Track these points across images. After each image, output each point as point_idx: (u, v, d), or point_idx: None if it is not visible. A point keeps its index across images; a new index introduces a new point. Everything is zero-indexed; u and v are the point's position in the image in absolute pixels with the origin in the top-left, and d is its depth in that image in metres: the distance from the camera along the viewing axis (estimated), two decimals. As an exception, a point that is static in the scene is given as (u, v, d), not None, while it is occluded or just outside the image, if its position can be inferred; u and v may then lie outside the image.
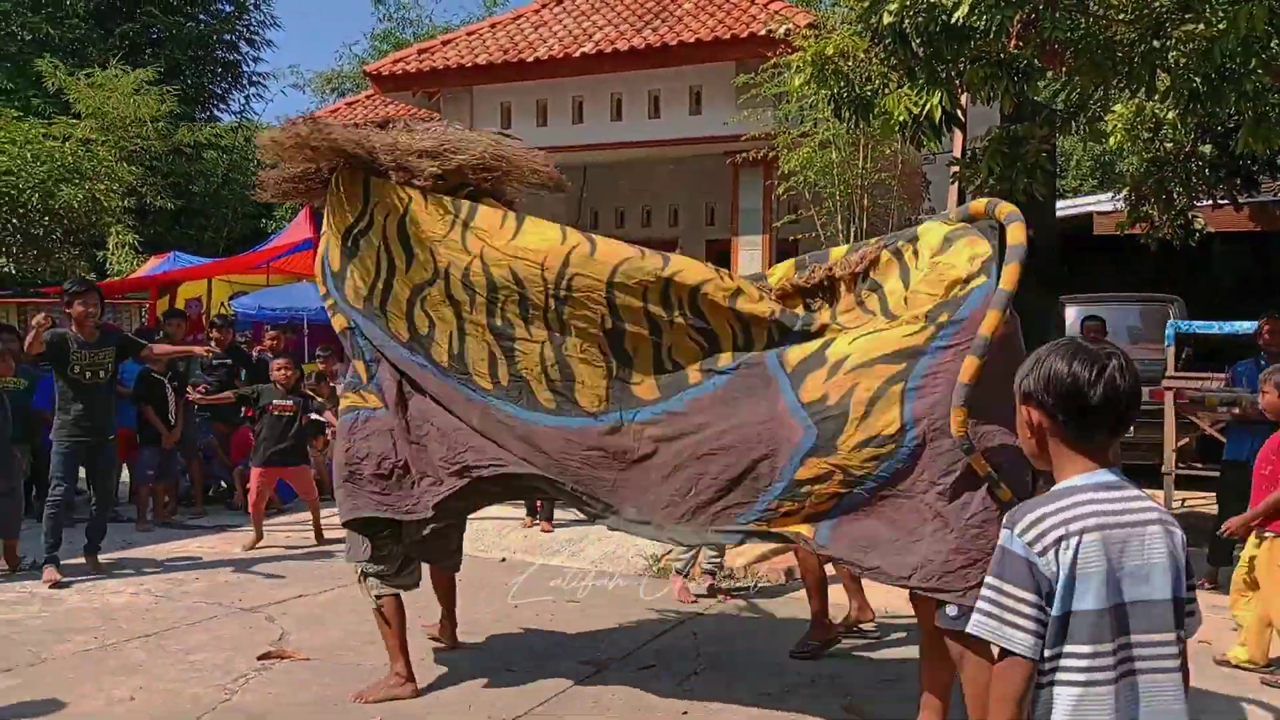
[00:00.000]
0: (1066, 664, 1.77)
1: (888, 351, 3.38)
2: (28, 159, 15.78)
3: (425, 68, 12.35)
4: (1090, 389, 1.80)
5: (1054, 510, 1.80)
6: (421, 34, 26.99)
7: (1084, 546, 1.75)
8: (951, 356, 3.27)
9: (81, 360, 6.39)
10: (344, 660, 4.84)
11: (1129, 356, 1.87)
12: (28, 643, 5.04)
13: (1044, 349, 1.89)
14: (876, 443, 3.35)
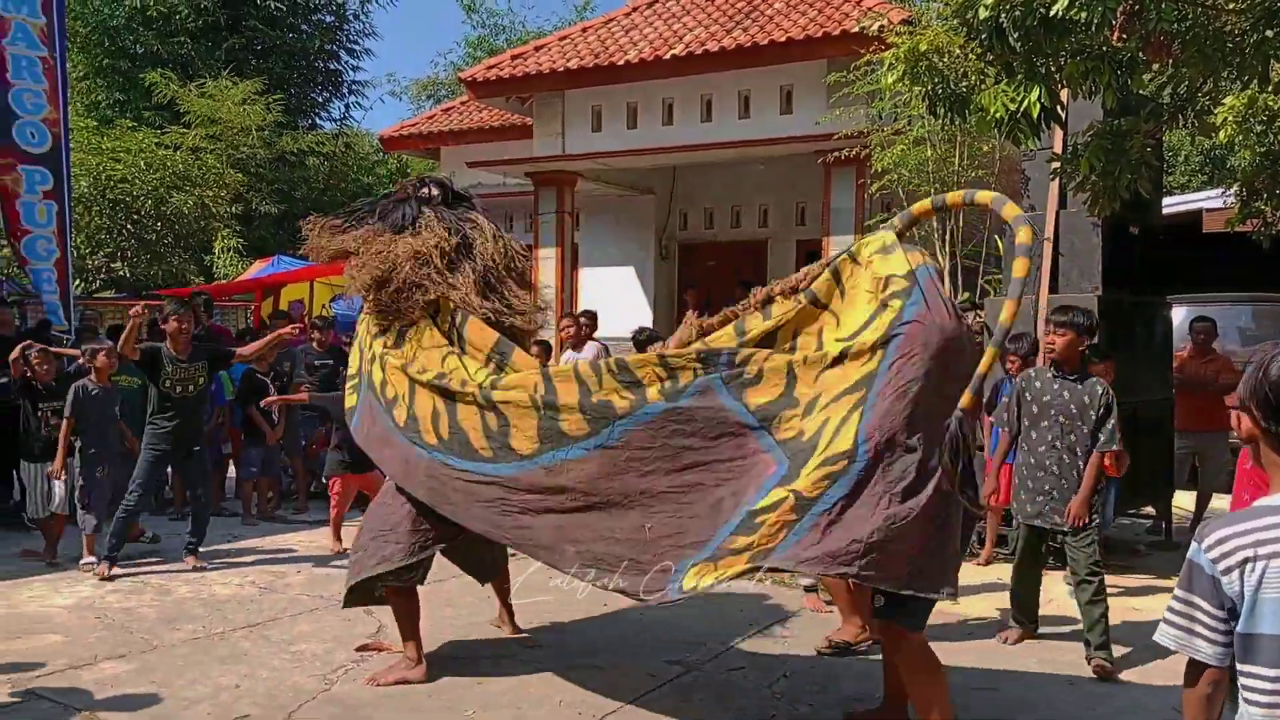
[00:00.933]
0: (1250, 684, 1.75)
1: (850, 384, 3.40)
2: (141, 167, 16.50)
3: (518, 73, 12.54)
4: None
5: (1243, 530, 1.75)
6: (514, 40, 27.39)
7: (1270, 572, 1.70)
8: (899, 368, 3.32)
9: (174, 375, 6.68)
10: (438, 653, 4.94)
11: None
12: (141, 630, 5.27)
13: (1266, 347, 1.83)
14: (829, 461, 3.32)
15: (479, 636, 5.24)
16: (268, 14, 22.52)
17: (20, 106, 8.22)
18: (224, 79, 19.60)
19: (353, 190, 23.61)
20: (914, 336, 3.33)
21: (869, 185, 9.86)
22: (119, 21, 21.96)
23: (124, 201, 16.49)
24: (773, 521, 3.35)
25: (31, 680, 4.52)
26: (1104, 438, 4.93)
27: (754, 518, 3.41)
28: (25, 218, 8.33)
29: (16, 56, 8.18)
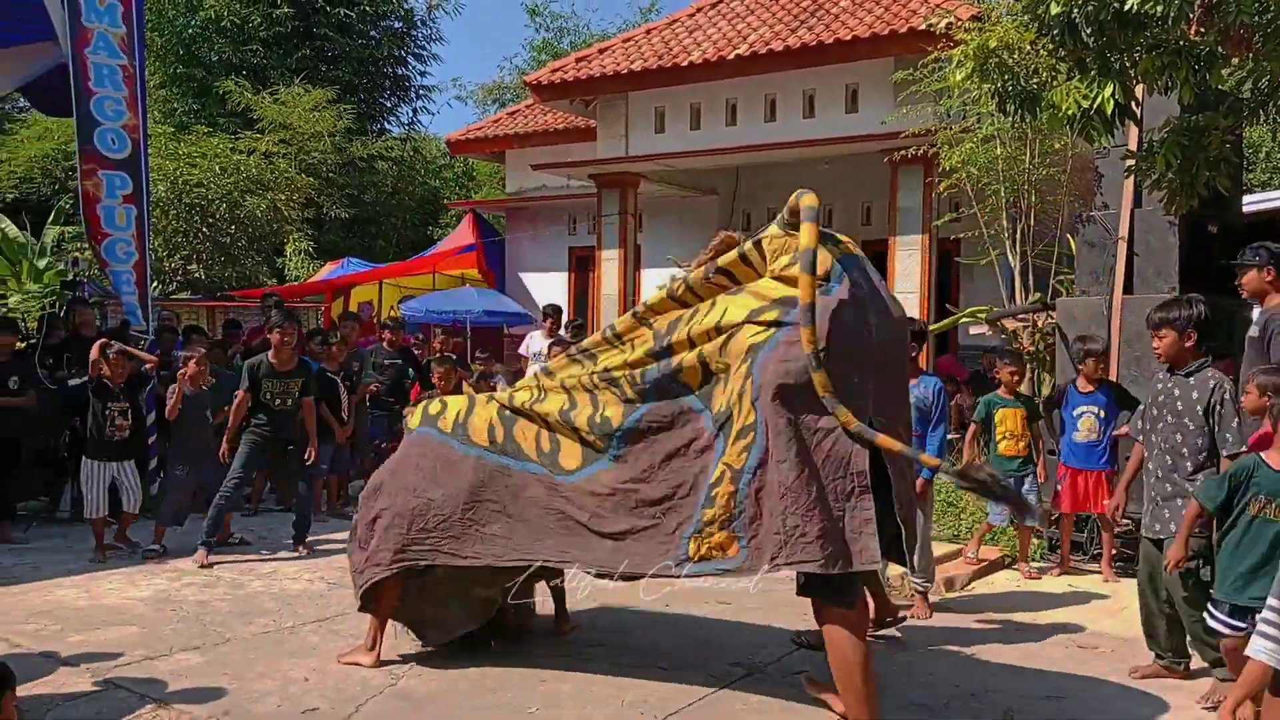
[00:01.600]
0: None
1: (743, 350, 3.79)
2: (216, 171, 16.93)
3: (582, 76, 12.61)
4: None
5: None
6: (579, 43, 27.55)
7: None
8: (783, 350, 3.68)
9: (273, 388, 6.95)
10: (500, 649, 4.98)
11: None
12: (215, 623, 5.41)
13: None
14: (741, 433, 3.74)
15: (540, 634, 5.27)
16: (338, 21, 22.93)
17: (101, 113, 8.48)
18: (296, 86, 20.02)
19: (420, 194, 23.94)
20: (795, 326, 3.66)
21: (937, 184, 9.73)
22: (194, 31, 22.55)
23: (200, 205, 16.94)
24: (721, 493, 3.77)
25: (110, 670, 4.66)
26: (1231, 437, 4.42)
27: (711, 490, 3.82)
28: (106, 221, 8.58)
29: (98, 65, 8.43)
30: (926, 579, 5.81)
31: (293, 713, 4.20)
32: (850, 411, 3.62)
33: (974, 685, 4.58)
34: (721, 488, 3.77)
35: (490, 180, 24.87)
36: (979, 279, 11.16)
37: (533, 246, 16.18)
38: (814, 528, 3.57)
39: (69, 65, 8.29)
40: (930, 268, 11.02)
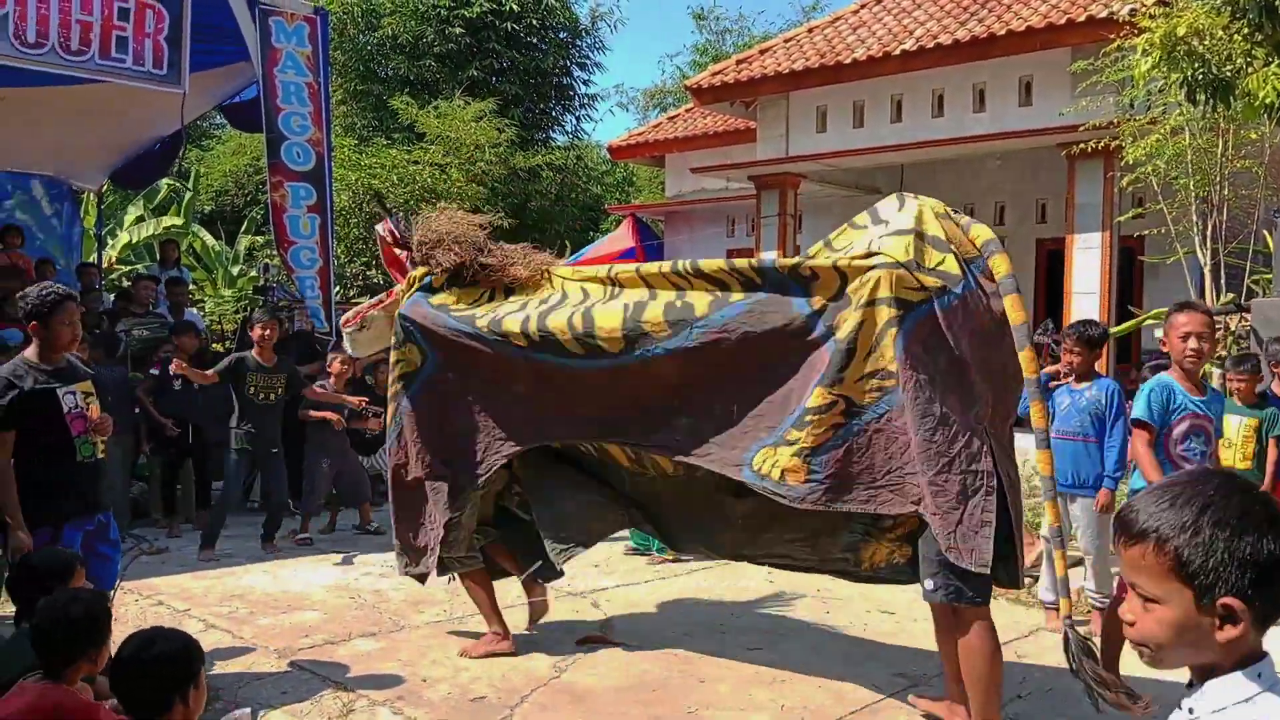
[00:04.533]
0: None
1: (889, 295, 3.62)
2: (394, 182, 17.73)
3: (743, 78, 12.57)
4: None
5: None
6: (740, 45, 27.49)
7: None
8: (939, 325, 3.62)
9: (256, 382, 7.16)
10: (661, 648, 5.01)
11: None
12: (389, 611, 5.66)
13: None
14: (880, 375, 3.65)
15: (701, 634, 5.28)
16: (506, 34, 23.64)
17: (288, 129, 9.02)
18: (458, 99, 20.75)
19: (583, 201, 24.39)
20: (935, 323, 3.63)
21: (1119, 179, 9.22)
22: (372, 48, 23.69)
23: (378, 214, 17.77)
24: (823, 421, 3.70)
25: (294, 653, 4.94)
26: None
27: (805, 415, 3.72)
28: (291, 230, 9.13)
29: (286, 83, 8.99)
30: (1104, 594, 5.52)
31: (462, 700, 4.35)
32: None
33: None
34: (826, 416, 3.70)
35: (650, 184, 25.12)
36: (1165, 279, 10.51)
37: (691, 249, 16.23)
38: (933, 503, 3.56)
39: (260, 84, 8.87)
40: (1111, 267, 10.45)
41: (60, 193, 12.48)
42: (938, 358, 3.63)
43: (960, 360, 3.65)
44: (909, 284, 3.63)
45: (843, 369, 3.68)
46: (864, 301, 3.67)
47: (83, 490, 4.41)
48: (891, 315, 3.62)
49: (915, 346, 3.60)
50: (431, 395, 4.68)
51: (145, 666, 2.59)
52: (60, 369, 4.47)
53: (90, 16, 7.73)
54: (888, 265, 3.65)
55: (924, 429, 3.57)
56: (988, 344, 3.70)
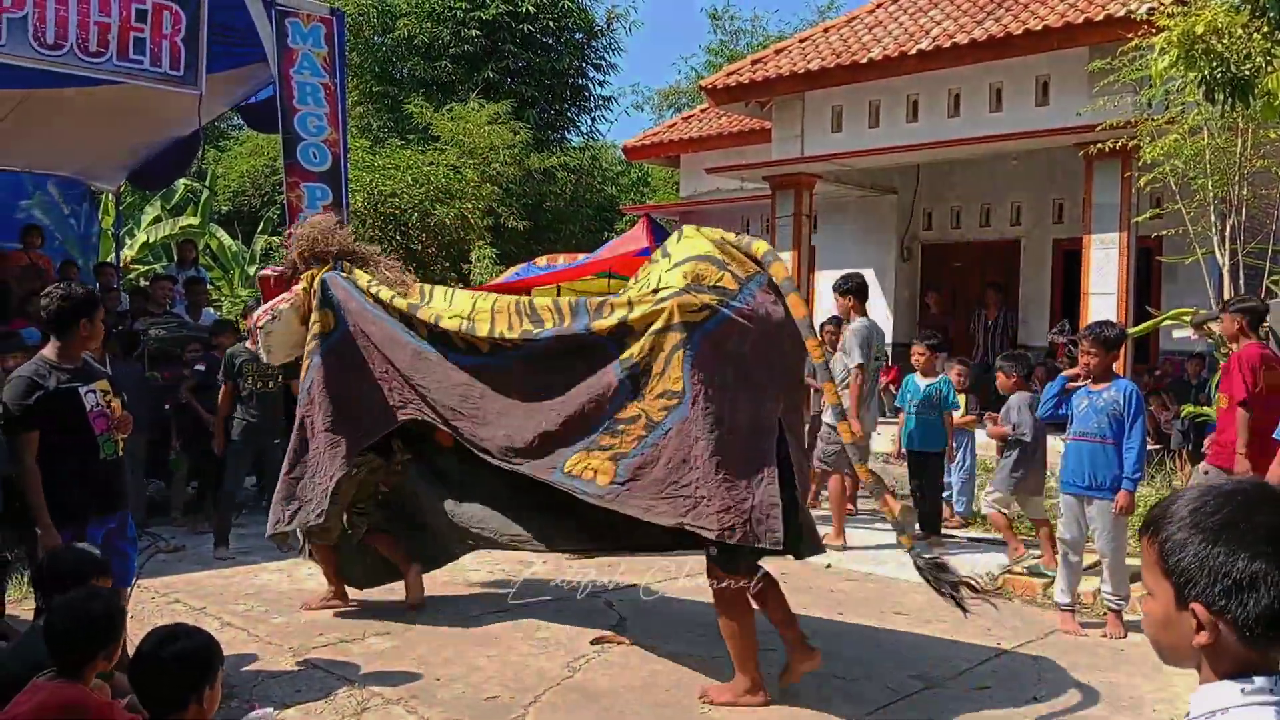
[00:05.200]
0: None
1: (678, 321, 4.12)
2: (409, 182, 17.77)
3: (758, 78, 12.55)
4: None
5: None
6: (755, 45, 27.46)
7: None
8: (722, 336, 4.11)
9: (251, 372, 7.24)
10: (674, 648, 5.01)
11: None
12: (404, 611, 5.66)
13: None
14: (667, 395, 4.14)
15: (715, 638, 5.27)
16: (522, 36, 23.67)
17: (304, 129, 9.04)
18: (474, 102, 20.79)
19: (598, 201, 24.39)
20: (721, 334, 4.12)
21: (1137, 178, 9.16)
22: (387, 49, 23.76)
23: (393, 215, 17.85)
24: (631, 430, 4.24)
25: (309, 651, 4.96)
26: None
27: (617, 424, 4.29)
28: (308, 230, 9.17)
29: (302, 84, 9.01)
30: (1120, 597, 5.49)
31: (475, 699, 4.36)
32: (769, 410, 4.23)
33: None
34: (634, 427, 4.25)
35: (665, 185, 25.12)
36: (1183, 279, 10.44)
37: (707, 250, 16.24)
38: (718, 502, 4.00)
39: (276, 85, 8.90)
40: (1129, 267, 10.38)
41: (78, 193, 12.55)
42: (725, 367, 4.12)
43: (746, 365, 4.15)
44: (691, 306, 4.13)
45: (641, 387, 4.24)
46: (656, 329, 4.18)
47: (105, 488, 4.44)
48: (679, 339, 4.12)
49: (703, 360, 4.10)
50: (338, 359, 5.12)
51: (164, 663, 2.59)
52: (79, 368, 4.51)
53: (108, 18, 7.77)
54: (672, 295, 4.16)
55: (717, 433, 4.05)
56: (771, 346, 4.22)
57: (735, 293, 4.17)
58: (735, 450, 4.06)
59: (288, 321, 5.33)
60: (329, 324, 5.14)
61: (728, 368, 4.13)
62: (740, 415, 4.11)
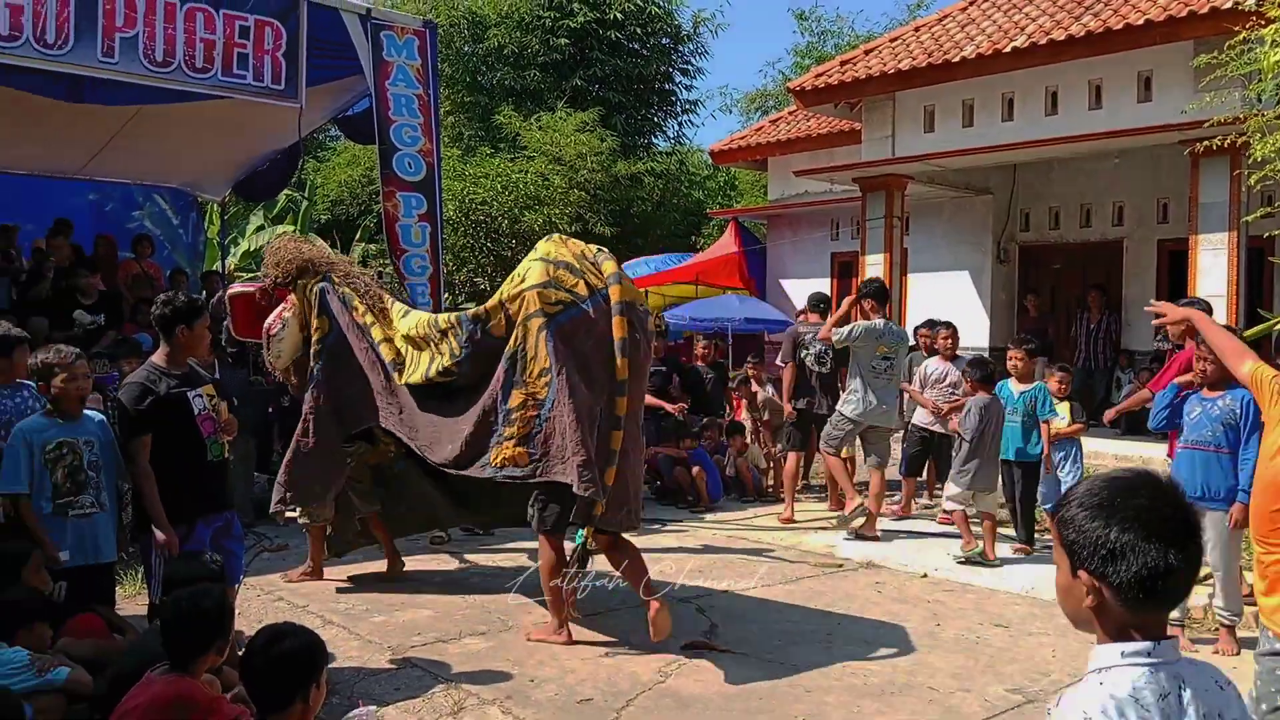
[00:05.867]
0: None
1: (537, 309, 4.90)
2: (498, 190, 18.03)
3: (847, 78, 12.41)
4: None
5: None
6: (843, 46, 27.15)
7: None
8: (571, 330, 4.92)
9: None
10: (766, 655, 4.98)
11: None
12: (500, 611, 5.74)
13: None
14: (544, 372, 4.87)
15: (807, 644, 5.22)
16: (610, 42, 23.81)
17: (400, 140, 9.25)
18: (561, 110, 20.97)
19: (684, 206, 24.40)
20: (569, 328, 4.90)
21: (1246, 177, 8.80)
22: (478, 59, 24.14)
23: (484, 222, 18.14)
24: (521, 416, 4.91)
25: (407, 650, 5.06)
26: None
27: (511, 414, 4.96)
28: (403, 239, 9.36)
29: (397, 95, 9.21)
30: (1233, 612, 5.27)
31: (568, 702, 4.39)
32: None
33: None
34: (523, 412, 4.91)
35: (752, 189, 24.99)
36: (1298, 280, 9.99)
37: (794, 253, 16.10)
38: (579, 458, 4.74)
39: (372, 97, 9.12)
40: (1239, 269, 9.96)
41: (186, 203, 13.05)
42: (574, 353, 4.90)
43: (587, 359, 4.92)
44: (550, 299, 4.91)
45: (523, 372, 4.94)
46: (523, 317, 4.94)
47: (213, 489, 4.61)
48: (541, 323, 4.88)
49: (559, 344, 4.86)
50: (332, 358, 5.70)
51: (272, 662, 2.68)
52: (186, 374, 4.70)
53: (213, 35, 8.07)
54: (532, 286, 4.93)
55: (576, 402, 4.80)
56: (603, 348, 4.92)
57: (585, 298, 4.94)
58: (587, 427, 4.82)
59: (291, 330, 5.93)
60: (325, 329, 5.74)
61: (572, 358, 4.88)
62: (579, 399, 4.83)
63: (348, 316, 5.73)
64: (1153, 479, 1.56)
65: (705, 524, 8.42)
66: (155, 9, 7.79)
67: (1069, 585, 1.57)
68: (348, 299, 5.77)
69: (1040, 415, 7.21)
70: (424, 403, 5.44)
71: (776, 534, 8.02)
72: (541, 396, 4.87)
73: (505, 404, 4.99)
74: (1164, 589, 1.49)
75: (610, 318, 4.92)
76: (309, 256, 5.95)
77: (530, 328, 4.92)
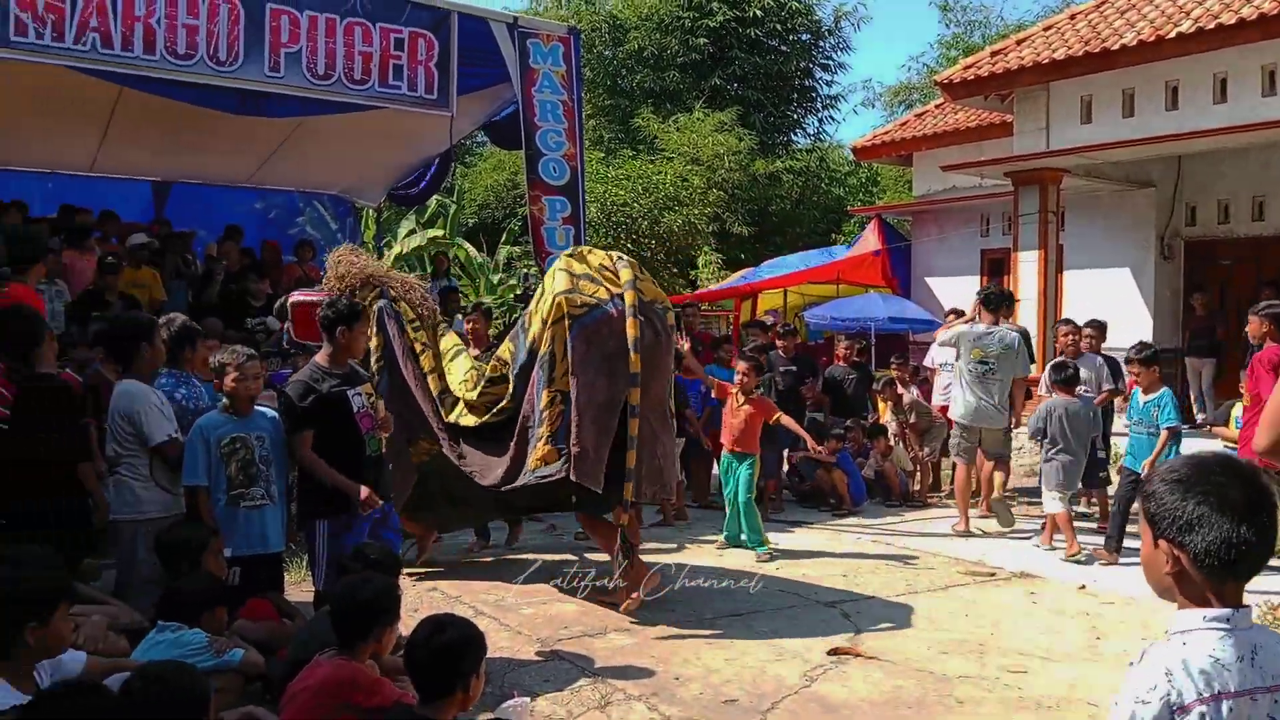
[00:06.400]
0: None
1: (564, 313, 5.32)
2: (639, 191, 18.19)
3: (998, 70, 12.01)
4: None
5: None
6: (991, 36, 26.28)
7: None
8: (594, 330, 5.32)
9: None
10: (915, 664, 4.87)
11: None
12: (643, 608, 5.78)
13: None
14: (566, 371, 5.31)
15: (959, 655, 5.08)
16: (750, 40, 23.70)
17: (545, 145, 9.45)
18: (699, 111, 20.98)
19: (824, 203, 24.07)
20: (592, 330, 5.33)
21: None
22: (618, 63, 24.41)
23: (624, 223, 18.34)
24: (551, 413, 5.35)
25: (555, 642, 5.17)
26: None
27: (542, 413, 5.38)
28: (548, 241, 9.56)
29: (543, 102, 9.42)
30: None
31: (713, 701, 4.40)
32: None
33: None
34: (551, 409, 5.34)
35: (895, 184, 24.47)
36: None
37: (941, 250, 15.67)
38: (576, 449, 5.23)
39: (519, 103, 9.35)
40: None
41: (344, 209, 13.67)
42: (593, 354, 5.29)
43: (609, 357, 5.31)
44: (575, 303, 5.34)
45: (552, 371, 5.35)
46: (552, 321, 5.36)
47: (371, 482, 4.82)
48: (567, 325, 5.30)
49: (580, 345, 5.28)
50: (390, 373, 6.07)
51: (434, 653, 2.79)
52: (347, 373, 4.95)
53: (370, 48, 8.43)
54: (560, 293, 5.37)
55: (594, 401, 5.26)
56: (624, 345, 5.31)
57: (607, 301, 5.41)
58: (590, 417, 5.26)
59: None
60: (380, 345, 6.10)
61: (595, 354, 5.30)
62: (598, 394, 5.28)
63: (401, 340, 6.12)
64: (1229, 461, 1.71)
65: (848, 528, 8.29)
66: (317, 25, 8.20)
67: (1151, 555, 1.72)
68: (403, 319, 6.14)
69: (1161, 423, 6.88)
70: (473, 440, 5.87)
71: (923, 539, 7.83)
72: (568, 391, 5.31)
73: (539, 405, 5.42)
74: (1238, 559, 1.62)
75: (625, 319, 5.39)
76: (371, 271, 6.26)
77: (557, 331, 5.35)
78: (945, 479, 9.84)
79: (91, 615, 4.04)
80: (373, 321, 6.02)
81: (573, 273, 5.52)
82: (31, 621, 2.88)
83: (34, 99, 8.67)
